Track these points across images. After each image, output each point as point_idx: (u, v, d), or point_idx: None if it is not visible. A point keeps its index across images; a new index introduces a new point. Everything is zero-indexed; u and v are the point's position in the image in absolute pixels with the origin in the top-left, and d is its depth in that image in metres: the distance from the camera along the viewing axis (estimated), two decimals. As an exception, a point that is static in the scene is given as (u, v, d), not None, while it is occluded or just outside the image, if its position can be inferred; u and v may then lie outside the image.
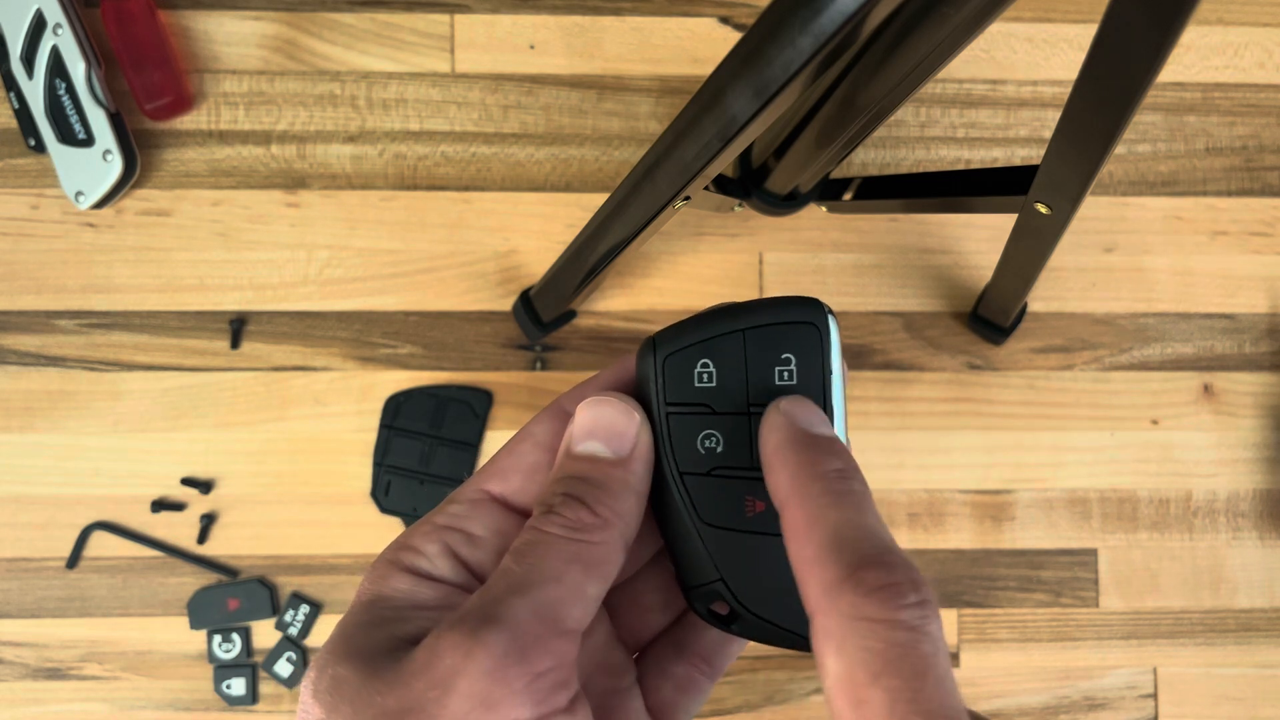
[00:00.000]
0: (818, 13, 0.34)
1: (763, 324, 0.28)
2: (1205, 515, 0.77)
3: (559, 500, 0.26)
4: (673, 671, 0.30)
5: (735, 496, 0.28)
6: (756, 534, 0.28)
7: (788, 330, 0.28)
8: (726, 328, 0.28)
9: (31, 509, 0.74)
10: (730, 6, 0.78)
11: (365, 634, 0.25)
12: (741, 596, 0.28)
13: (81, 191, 0.73)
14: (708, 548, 0.28)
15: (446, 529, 0.27)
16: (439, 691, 0.22)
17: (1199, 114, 0.79)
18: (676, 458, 0.28)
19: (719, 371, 0.28)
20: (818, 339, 0.28)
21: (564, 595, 0.24)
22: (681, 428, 0.28)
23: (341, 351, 0.75)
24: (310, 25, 0.76)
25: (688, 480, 0.28)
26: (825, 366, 0.28)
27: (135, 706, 0.73)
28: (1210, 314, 0.78)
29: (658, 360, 0.28)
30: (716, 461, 0.28)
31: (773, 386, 0.28)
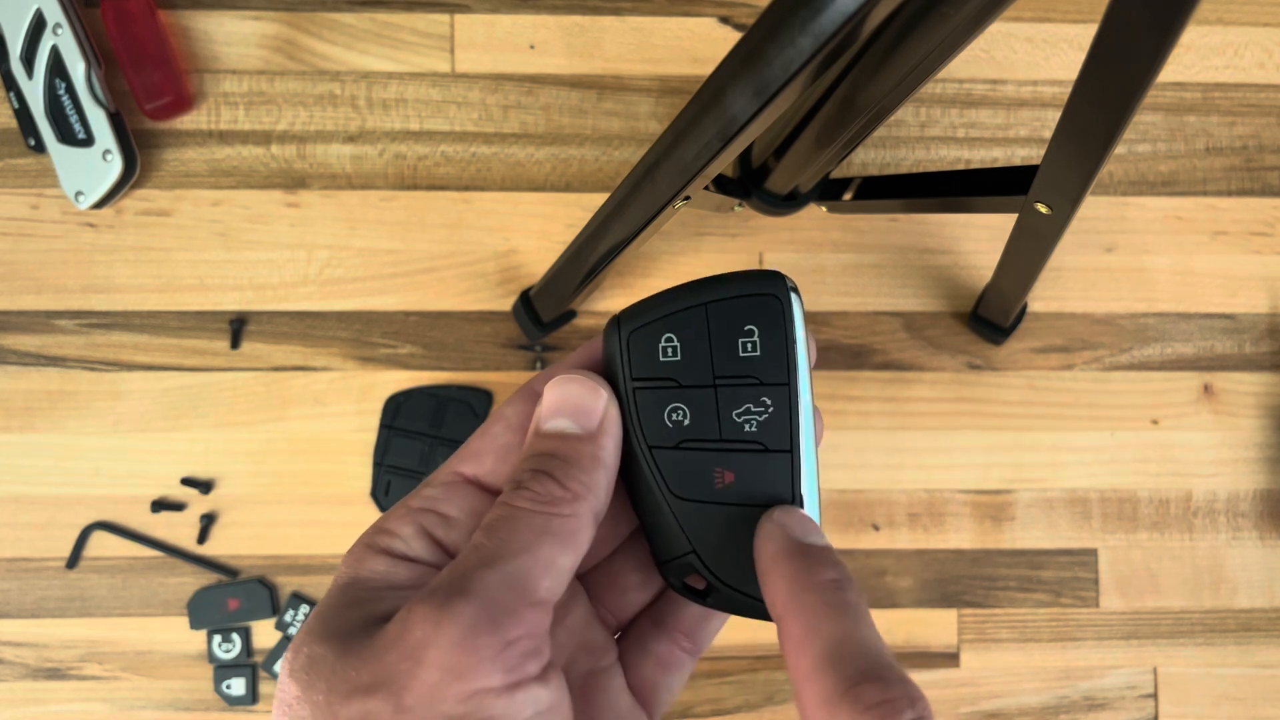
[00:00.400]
0: (818, 13, 0.34)
1: (725, 297, 0.28)
2: (1205, 515, 0.77)
3: (528, 476, 0.26)
4: (654, 649, 0.31)
5: (704, 468, 0.28)
6: (727, 505, 0.28)
7: (750, 302, 0.28)
8: (689, 302, 0.28)
9: (31, 509, 0.74)
10: (730, 6, 0.78)
11: (341, 614, 0.25)
12: (715, 568, 0.28)
13: (81, 191, 0.73)
14: (679, 520, 0.28)
15: (421, 511, 0.27)
16: (410, 663, 0.23)
17: (1199, 114, 0.79)
18: (645, 432, 0.28)
19: (683, 345, 0.28)
20: (779, 310, 0.28)
21: (534, 566, 0.24)
22: (648, 402, 0.28)
23: (341, 351, 0.75)
24: (310, 25, 0.76)
25: (657, 454, 0.28)
26: (789, 336, 0.28)
27: (135, 706, 0.73)
28: (1210, 314, 0.78)
29: (622, 336, 0.29)
30: (684, 434, 0.28)
31: (737, 358, 0.28)
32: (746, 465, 0.28)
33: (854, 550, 0.76)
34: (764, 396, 0.28)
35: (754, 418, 0.28)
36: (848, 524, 0.76)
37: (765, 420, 0.28)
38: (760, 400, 0.28)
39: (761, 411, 0.28)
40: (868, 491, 0.76)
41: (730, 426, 0.28)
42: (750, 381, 0.28)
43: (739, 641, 0.75)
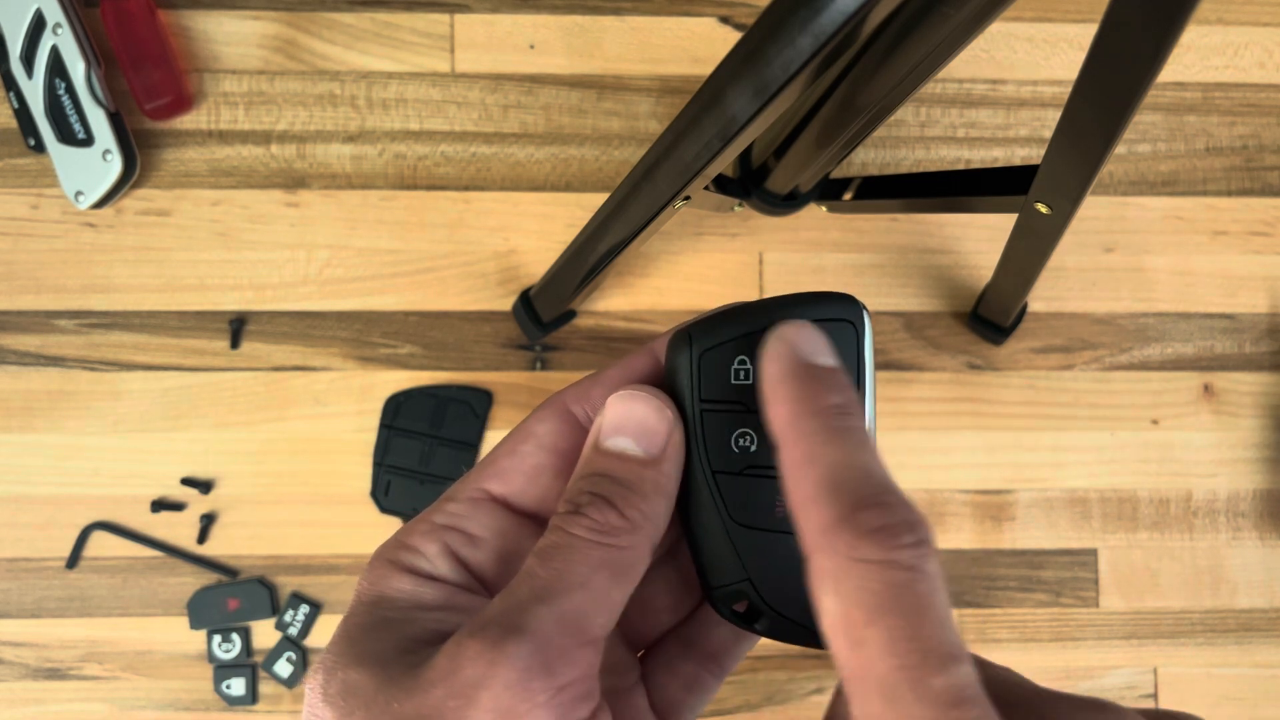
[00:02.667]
0: (818, 12, 0.34)
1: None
2: (1205, 515, 0.77)
3: (586, 500, 0.25)
4: (680, 669, 0.30)
5: (767, 496, 0.27)
6: (785, 534, 0.27)
7: (825, 328, 0.27)
8: (765, 323, 0.27)
9: (31, 509, 0.74)
10: (730, 6, 0.78)
11: (373, 636, 0.24)
12: (768, 597, 0.27)
13: (81, 191, 0.73)
14: (736, 548, 0.27)
15: (446, 529, 0.27)
16: (460, 701, 0.22)
17: (1199, 114, 0.79)
18: (710, 456, 0.27)
19: (756, 369, 0.27)
20: (854, 336, 0.27)
21: (590, 603, 0.24)
22: (716, 426, 0.27)
23: (341, 351, 0.75)
24: (310, 25, 0.76)
25: (720, 479, 0.27)
26: (861, 364, 0.27)
27: (135, 706, 0.73)
28: (1210, 314, 0.78)
29: (694, 355, 0.28)
30: (750, 460, 0.27)
31: None
32: None
33: (854, 550, 0.76)
34: None
35: None
36: (848, 524, 0.76)
37: None
38: None
39: None
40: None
41: None
42: None
43: (739, 641, 0.75)
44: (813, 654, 0.75)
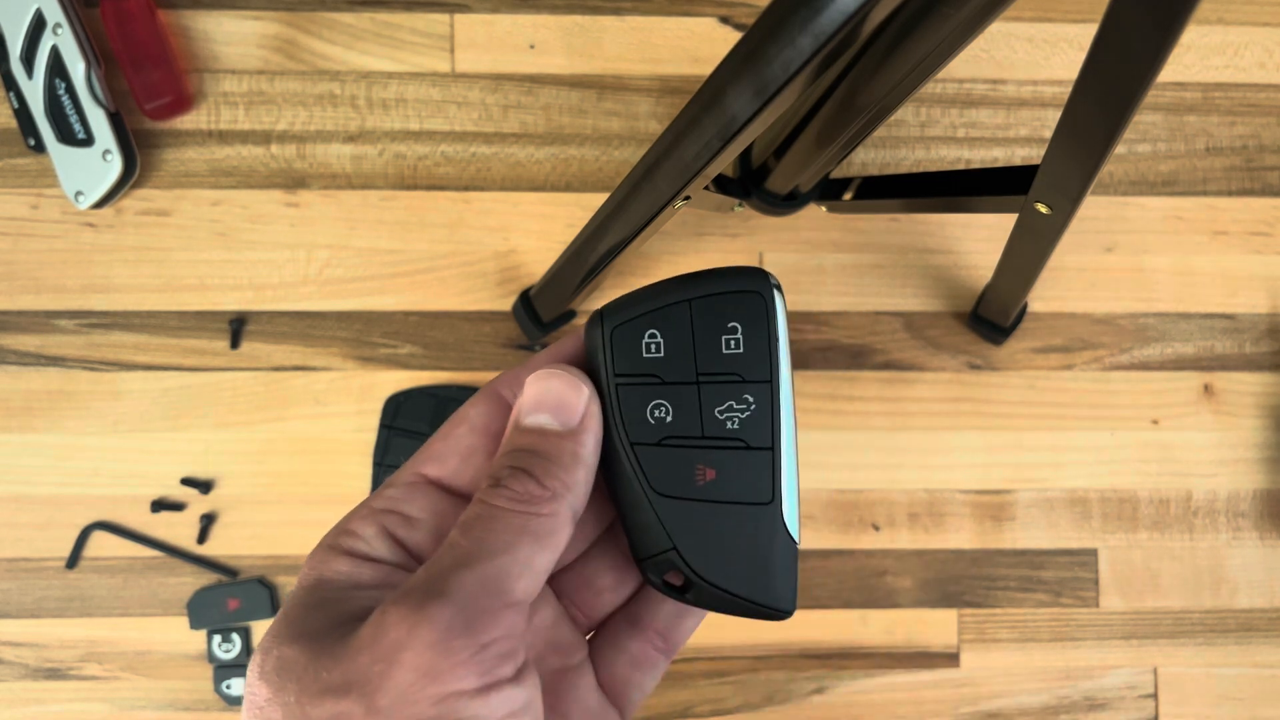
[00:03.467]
0: (818, 12, 0.34)
1: (708, 294, 0.28)
2: (1205, 515, 0.77)
3: (507, 473, 0.26)
4: (627, 646, 0.31)
5: (686, 465, 0.28)
6: (708, 502, 0.28)
7: (733, 299, 0.28)
8: (673, 298, 0.28)
9: (31, 509, 0.74)
10: (730, 6, 0.78)
11: (308, 615, 0.25)
12: (695, 565, 0.28)
13: (81, 191, 0.73)
14: (660, 517, 0.28)
15: (383, 512, 0.27)
16: (384, 665, 0.22)
17: (1199, 114, 0.79)
18: (627, 428, 0.28)
19: (666, 341, 0.28)
20: (763, 307, 0.28)
21: (511, 567, 0.24)
22: (631, 398, 0.28)
23: (341, 351, 0.75)
24: (310, 25, 0.76)
25: (639, 450, 0.28)
26: (771, 334, 0.28)
27: (135, 706, 0.73)
28: (1210, 314, 0.78)
29: (605, 331, 0.29)
30: (667, 431, 0.28)
31: (720, 355, 0.28)
32: (728, 462, 0.28)
33: (854, 550, 0.76)
34: (746, 394, 0.28)
35: (736, 415, 0.28)
36: (848, 524, 0.76)
37: (747, 418, 0.28)
38: (743, 397, 0.28)
39: (744, 409, 0.28)
40: (868, 491, 0.76)
41: (712, 424, 0.28)
42: (733, 379, 0.28)
43: (739, 641, 0.75)
44: (813, 654, 0.75)
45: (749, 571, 0.28)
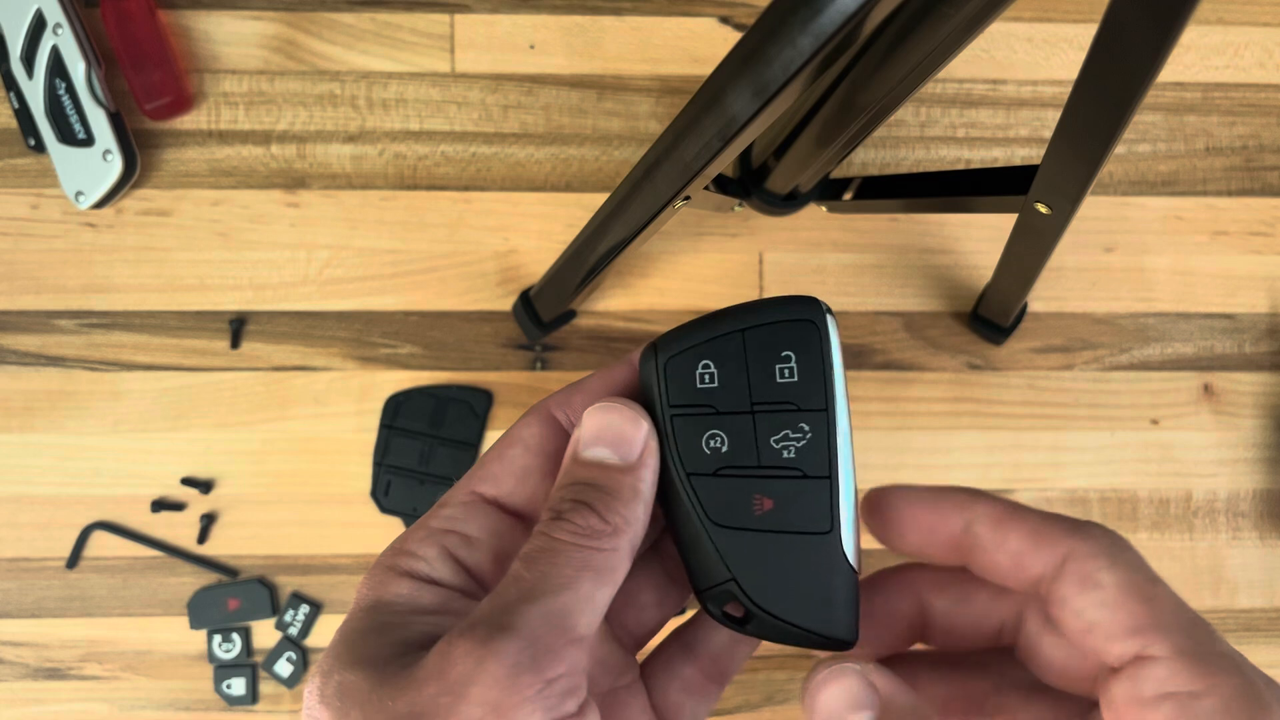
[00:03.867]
0: (818, 12, 0.34)
1: (761, 323, 0.28)
2: (1205, 515, 0.77)
3: (568, 506, 0.26)
4: (680, 672, 0.30)
5: (743, 495, 0.28)
6: (766, 532, 0.28)
7: (786, 328, 0.28)
8: (726, 328, 0.28)
9: (31, 509, 0.74)
10: (730, 6, 0.78)
11: (369, 640, 0.25)
12: (755, 596, 0.28)
13: (81, 191, 0.73)
14: (718, 548, 0.28)
15: (443, 532, 0.27)
16: (451, 698, 0.23)
17: (1199, 114, 0.79)
18: (683, 459, 0.28)
19: (720, 372, 0.28)
20: (816, 336, 0.28)
21: (575, 602, 0.24)
22: (686, 429, 0.28)
23: (341, 351, 0.75)
24: (310, 25, 0.76)
25: (695, 481, 0.28)
26: (825, 362, 0.28)
27: (135, 706, 0.73)
28: (1210, 314, 0.78)
29: (659, 363, 0.29)
30: (723, 461, 0.28)
31: (774, 384, 0.28)
32: (785, 492, 0.28)
33: (854, 550, 0.76)
34: (802, 422, 0.28)
35: (792, 444, 0.28)
36: (848, 524, 0.76)
37: (803, 446, 0.28)
38: (798, 426, 0.28)
39: (800, 438, 0.28)
40: (868, 491, 0.76)
41: (769, 453, 0.28)
42: (788, 407, 0.28)
43: (739, 641, 0.75)
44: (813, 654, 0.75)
45: (809, 602, 0.28)
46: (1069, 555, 0.26)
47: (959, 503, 0.29)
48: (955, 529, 0.29)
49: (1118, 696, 0.25)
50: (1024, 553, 0.28)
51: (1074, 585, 0.26)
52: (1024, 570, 0.28)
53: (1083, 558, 0.26)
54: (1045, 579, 0.27)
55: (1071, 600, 0.26)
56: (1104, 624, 0.26)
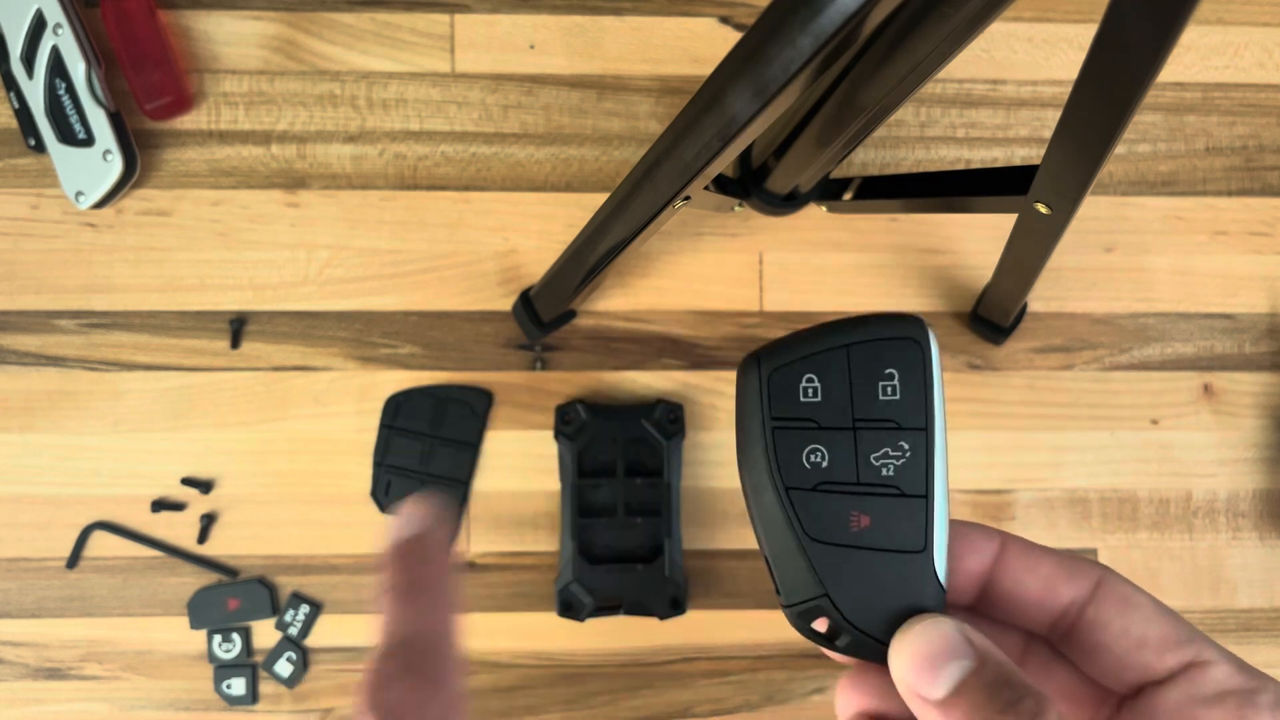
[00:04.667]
0: (818, 12, 0.34)
1: (866, 340, 0.29)
2: (1205, 515, 0.77)
3: None
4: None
5: (841, 511, 0.28)
6: (860, 549, 0.28)
7: (891, 346, 0.28)
8: (831, 343, 0.29)
9: (32, 509, 0.74)
10: (730, 6, 0.78)
11: None
12: (847, 612, 0.28)
13: (82, 191, 0.73)
14: (812, 563, 0.28)
15: None
16: None
17: (1199, 114, 0.79)
18: (782, 472, 0.28)
19: (824, 386, 0.28)
20: (920, 355, 0.29)
21: None
22: (787, 442, 0.28)
23: (341, 351, 0.75)
24: (310, 25, 0.76)
25: (793, 495, 0.28)
26: (927, 382, 0.28)
27: (135, 706, 0.73)
28: (1210, 314, 0.78)
29: (763, 374, 0.29)
30: (822, 476, 0.28)
31: (877, 401, 0.28)
32: (882, 509, 0.28)
33: (854, 550, 0.76)
34: (902, 441, 0.28)
35: (891, 462, 0.28)
36: (848, 524, 0.76)
37: (902, 465, 0.28)
38: (898, 445, 0.28)
39: (899, 456, 0.28)
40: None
41: (868, 470, 0.28)
42: (889, 425, 0.28)
43: (739, 641, 0.75)
44: (813, 654, 0.75)
45: (898, 620, 0.27)
46: (1102, 580, 0.28)
47: (987, 533, 0.30)
48: (986, 557, 0.30)
49: (1171, 700, 0.27)
50: (1056, 578, 0.29)
51: (1114, 606, 0.28)
52: (1055, 595, 0.29)
53: (1114, 582, 0.28)
54: (1076, 603, 0.29)
55: (1114, 620, 0.28)
56: (1155, 637, 0.27)
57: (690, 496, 0.75)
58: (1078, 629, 0.29)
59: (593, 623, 0.74)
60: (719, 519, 0.76)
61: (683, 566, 0.73)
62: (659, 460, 0.74)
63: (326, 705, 0.74)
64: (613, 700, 0.75)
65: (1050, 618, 0.29)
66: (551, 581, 0.75)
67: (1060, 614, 0.29)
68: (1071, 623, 0.29)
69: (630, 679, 0.75)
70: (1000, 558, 0.29)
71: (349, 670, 0.74)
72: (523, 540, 0.75)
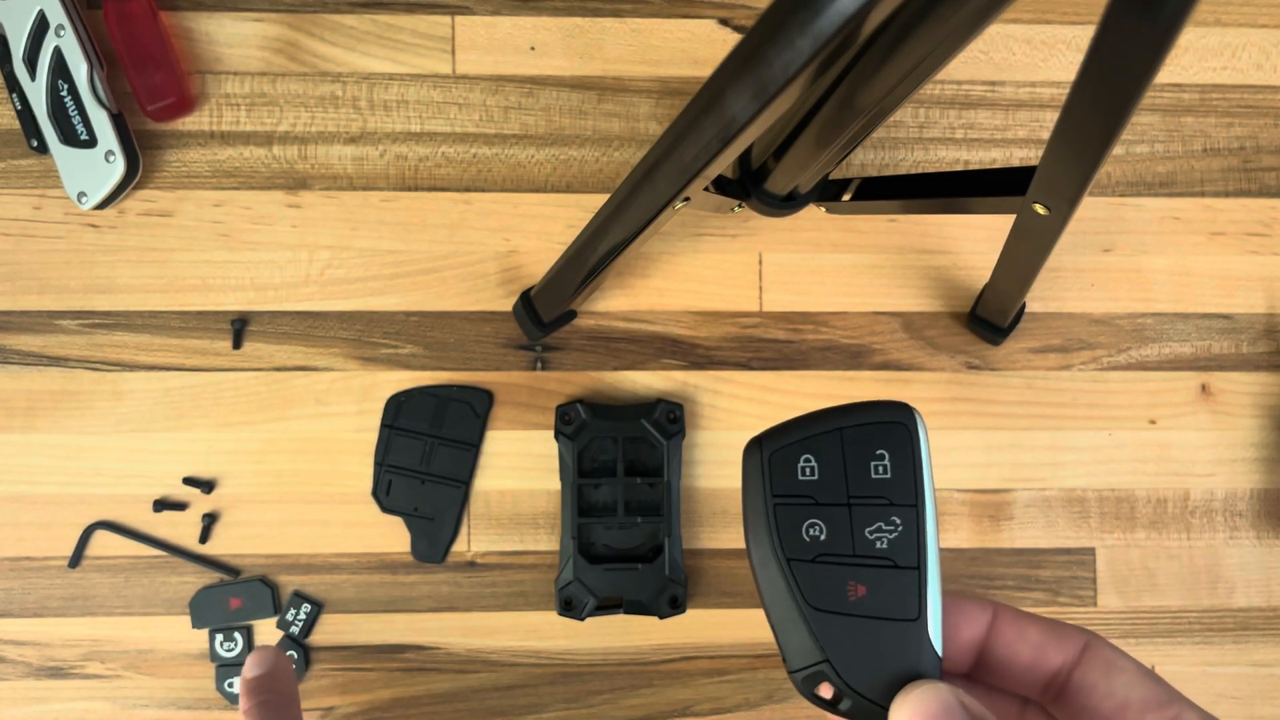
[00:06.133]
0: (817, 14, 0.34)
1: (858, 424, 0.31)
2: (1203, 515, 0.78)
3: None
4: None
5: (839, 581, 0.30)
6: (858, 617, 0.30)
7: (881, 429, 0.31)
8: (826, 427, 0.31)
9: (34, 508, 0.74)
10: (730, 8, 0.78)
11: None
12: (847, 677, 0.30)
13: (84, 192, 0.73)
14: (813, 631, 0.30)
15: None
16: None
17: (1197, 115, 0.80)
18: (784, 545, 0.31)
19: (820, 466, 0.31)
20: (908, 437, 0.31)
21: None
22: (788, 517, 0.31)
23: (343, 351, 0.75)
24: (312, 27, 0.77)
25: (794, 566, 0.30)
26: (916, 461, 0.31)
27: (137, 705, 0.74)
28: (1208, 314, 0.78)
29: (764, 456, 0.31)
30: (821, 549, 0.31)
31: (869, 479, 0.31)
32: (877, 580, 0.30)
33: (853, 549, 0.76)
34: (894, 516, 0.31)
35: (885, 535, 0.31)
36: (847, 523, 0.76)
37: (895, 538, 0.31)
38: (890, 519, 0.31)
39: (892, 530, 0.31)
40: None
41: (863, 543, 0.31)
42: (882, 502, 0.31)
43: (738, 640, 0.76)
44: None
45: (898, 685, 0.29)
46: (1088, 645, 0.30)
47: (980, 604, 0.32)
48: (980, 626, 0.32)
49: None
50: (1045, 644, 0.31)
51: (1100, 670, 0.30)
52: (1045, 660, 0.31)
53: (1100, 647, 0.30)
54: (1065, 667, 0.30)
55: (1100, 683, 0.30)
56: (1138, 700, 0.29)
57: (690, 496, 0.76)
58: (1067, 692, 0.30)
59: (593, 622, 0.74)
60: (719, 519, 0.76)
61: (683, 566, 0.73)
62: (659, 460, 0.74)
63: (327, 704, 0.74)
64: (613, 699, 0.75)
65: (1042, 682, 0.31)
66: (551, 581, 0.75)
67: (1051, 678, 0.31)
68: (1061, 687, 0.31)
69: (630, 678, 0.75)
70: (993, 626, 0.31)
71: (351, 669, 0.74)
72: (523, 540, 0.75)
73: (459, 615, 0.75)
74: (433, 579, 0.75)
